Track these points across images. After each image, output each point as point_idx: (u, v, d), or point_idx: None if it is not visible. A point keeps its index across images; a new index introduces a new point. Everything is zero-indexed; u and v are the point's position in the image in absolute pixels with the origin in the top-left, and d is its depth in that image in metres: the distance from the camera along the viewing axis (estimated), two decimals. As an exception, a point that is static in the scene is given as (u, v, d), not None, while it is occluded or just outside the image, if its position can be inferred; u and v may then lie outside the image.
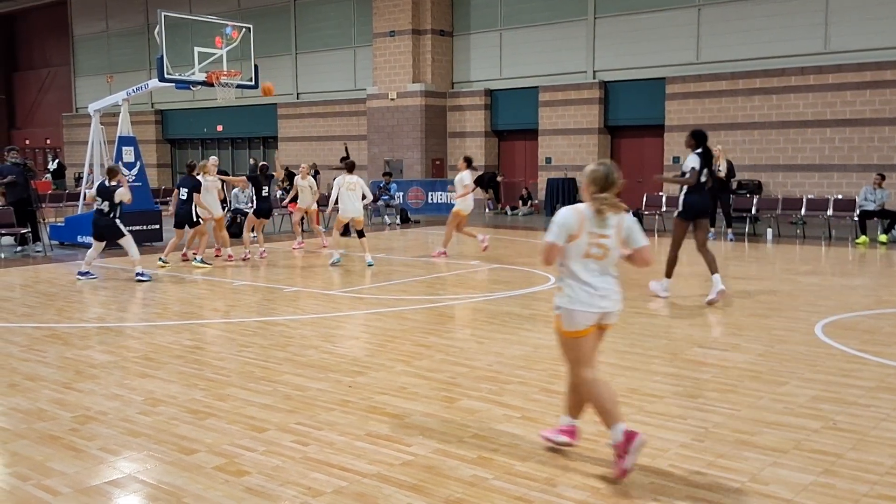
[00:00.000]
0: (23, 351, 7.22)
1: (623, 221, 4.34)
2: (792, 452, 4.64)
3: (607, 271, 4.37)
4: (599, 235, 4.28)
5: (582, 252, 4.29)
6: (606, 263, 4.34)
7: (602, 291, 4.32)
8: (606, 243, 4.29)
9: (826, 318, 8.37)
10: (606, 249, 4.30)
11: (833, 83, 18.71)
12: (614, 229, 4.30)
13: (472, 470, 4.40)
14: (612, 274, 4.40)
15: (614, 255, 4.35)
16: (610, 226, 4.29)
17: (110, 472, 4.42)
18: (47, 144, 40.02)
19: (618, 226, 4.31)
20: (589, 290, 4.29)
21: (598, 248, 4.29)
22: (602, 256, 4.30)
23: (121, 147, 15.44)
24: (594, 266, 4.32)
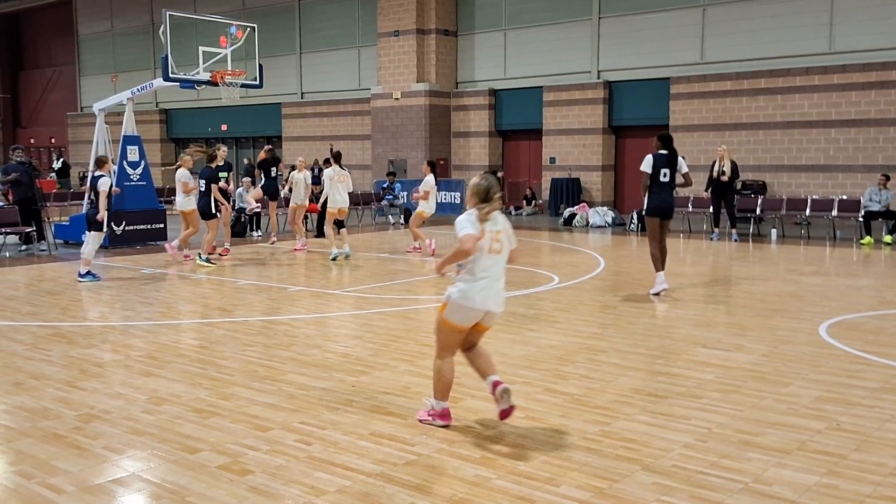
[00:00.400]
0: (27, 349, 7.24)
1: (506, 221, 5.08)
2: (795, 453, 4.63)
3: (502, 269, 5.00)
4: (496, 232, 4.95)
5: (487, 248, 4.89)
6: (502, 258, 4.99)
7: (495, 289, 4.94)
8: (502, 238, 4.98)
9: (830, 318, 8.36)
10: (502, 244, 4.98)
11: (838, 83, 18.67)
12: (504, 226, 5.01)
13: (475, 469, 4.40)
14: (503, 272, 5.01)
15: (507, 249, 5.02)
16: (501, 224, 4.99)
17: (114, 471, 4.43)
18: (52, 143, 40.11)
19: (506, 224, 5.03)
20: (485, 288, 4.89)
21: (497, 243, 4.95)
22: (500, 251, 4.97)
23: (125, 146, 15.47)
24: (495, 261, 4.95)
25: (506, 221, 5.07)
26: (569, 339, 7.57)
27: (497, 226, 4.95)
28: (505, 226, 5.02)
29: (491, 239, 4.91)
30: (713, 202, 16.52)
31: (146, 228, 15.53)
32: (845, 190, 18.40)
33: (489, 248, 4.90)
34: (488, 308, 4.92)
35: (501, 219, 5.02)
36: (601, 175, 22.62)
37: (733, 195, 16.55)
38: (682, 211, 18.59)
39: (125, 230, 15.15)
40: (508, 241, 5.02)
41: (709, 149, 20.53)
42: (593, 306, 9.33)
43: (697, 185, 20.49)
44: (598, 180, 22.63)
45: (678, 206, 18.74)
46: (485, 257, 4.90)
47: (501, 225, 4.99)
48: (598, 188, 22.61)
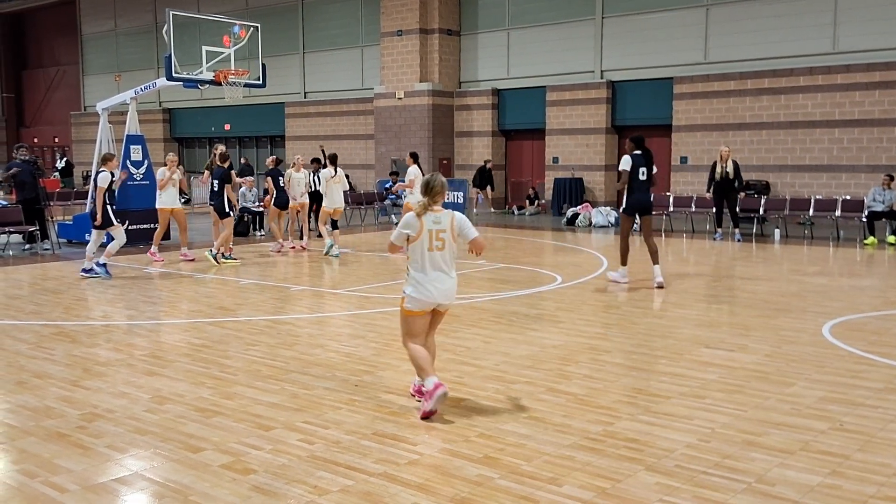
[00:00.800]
0: (31, 349, 7.25)
1: (454, 219, 5.38)
2: (799, 453, 4.63)
3: (446, 265, 5.36)
4: (438, 231, 5.30)
5: (427, 246, 5.29)
6: (445, 255, 5.35)
7: (441, 286, 5.34)
8: (444, 237, 5.32)
9: (834, 319, 8.35)
10: (444, 242, 5.32)
11: (842, 83, 18.64)
12: (448, 225, 5.33)
13: (478, 469, 4.40)
14: (449, 268, 5.39)
15: (451, 247, 5.38)
16: (444, 223, 5.32)
17: (117, 470, 4.43)
18: (55, 143, 40.17)
19: (450, 223, 5.35)
20: (430, 286, 5.31)
21: (438, 241, 5.31)
22: (442, 248, 5.33)
23: (129, 145, 15.49)
24: (437, 258, 5.32)
25: (455, 219, 5.38)
26: (572, 339, 7.57)
27: (440, 225, 5.31)
28: (451, 224, 5.34)
29: (431, 238, 5.29)
30: (715, 202, 16.48)
31: (150, 228, 15.52)
32: (849, 190, 18.37)
33: (429, 246, 5.30)
34: (436, 301, 5.38)
35: (447, 218, 5.35)
36: (604, 175, 22.60)
37: (736, 195, 16.53)
38: (685, 211, 18.58)
39: (128, 229, 15.13)
40: (452, 239, 5.36)
41: (712, 149, 20.50)
42: (596, 306, 9.33)
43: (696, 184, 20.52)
44: (601, 180, 22.61)
45: (681, 206, 18.78)
46: (426, 255, 5.31)
47: (445, 224, 5.32)
48: (601, 188, 22.59)
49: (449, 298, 5.45)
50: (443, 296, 5.38)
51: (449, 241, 5.34)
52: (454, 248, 5.41)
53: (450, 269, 5.39)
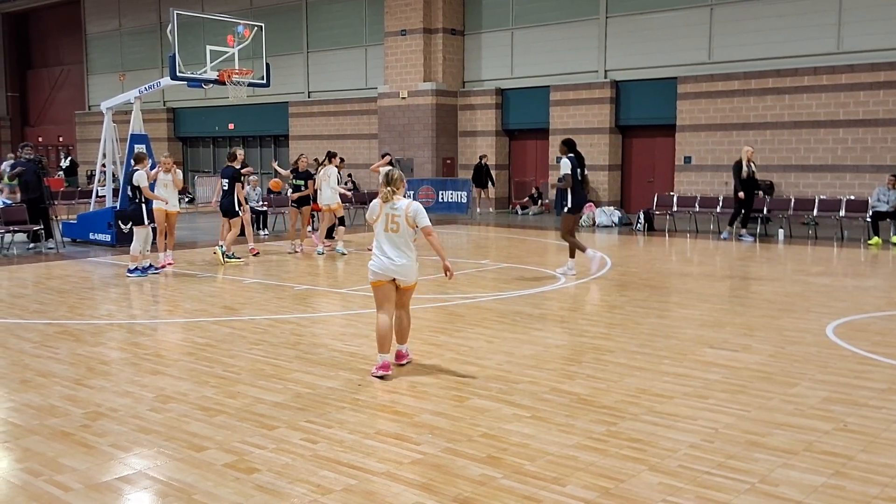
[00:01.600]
0: (35, 347, 7.27)
1: (410, 207, 6.21)
2: (802, 454, 4.62)
3: (403, 246, 6.20)
4: (394, 215, 6.19)
5: (384, 227, 6.21)
6: (400, 237, 6.19)
7: (395, 262, 6.19)
8: (398, 221, 6.18)
9: (838, 319, 8.33)
10: (398, 225, 6.18)
11: (846, 83, 18.59)
12: (403, 211, 6.17)
13: (481, 469, 4.40)
14: (406, 249, 6.22)
15: (405, 230, 6.18)
16: (399, 209, 6.19)
17: (121, 469, 4.44)
18: (60, 142, 40.24)
19: (406, 209, 6.18)
20: (385, 259, 6.22)
21: (394, 224, 6.19)
22: (396, 230, 6.19)
23: (133, 144, 15.46)
24: (393, 238, 6.20)
25: (411, 207, 6.21)
26: (575, 339, 7.56)
27: (396, 210, 6.20)
28: (406, 210, 6.18)
29: (388, 220, 6.20)
30: (746, 203, 16.08)
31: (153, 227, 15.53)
32: (853, 190, 18.33)
33: (386, 227, 6.22)
34: (388, 276, 6.23)
35: (405, 205, 6.21)
36: (608, 175, 22.58)
37: (754, 196, 16.33)
38: (689, 211, 18.56)
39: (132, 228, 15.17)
40: (406, 223, 6.18)
41: (716, 149, 20.51)
42: (600, 306, 9.32)
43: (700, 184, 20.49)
44: (605, 180, 22.60)
45: (685, 206, 18.77)
46: (383, 235, 6.23)
47: (401, 210, 6.19)
48: (605, 188, 22.57)
49: (404, 276, 6.25)
50: (397, 271, 6.21)
51: (403, 224, 6.18)
52: (409, 231, 6.19)
53: (407, 249, 6.23)
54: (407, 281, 6.29)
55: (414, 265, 6.29)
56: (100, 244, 15.17)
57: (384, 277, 6.23)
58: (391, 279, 6.24)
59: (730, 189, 19.80)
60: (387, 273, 6.22)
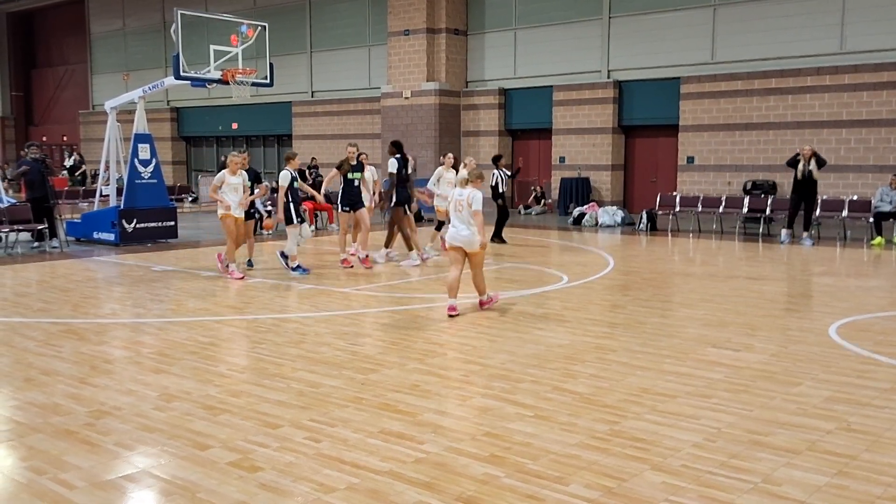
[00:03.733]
0: (39, 346, 7.29)
1: (471, 194, 8.46)
2: (805, 453, 4.62)
3: (466, 222, 8.45)
4: (460, 200, 8.50)
5: (454, 208, 8.55)
6: (464, 215, 8.45)
7: (461, 233, 8.47)
8: (463, 204, 8.45)
9: (840, 319, 8.33)
10: (463, 207, 8.45)
11: (849, 83, 18.57)
12: (466, 197, 8.46)
13: (483, 468, 4.41)
14: (469, 224, 8.43)
15: (466, 211, 8.43)
16: (464, 196, 8.49)
17: (125, 467, 4.46)
18: (64, 141, 40.31)
19: (468, 196, 8.45)
20: (454, 230, 8.54)
21: (460, 206, 8.49)
22: (461, 210, 8.48)
23: (137, 144, 15.54)
24: (459, 216, 8.49)
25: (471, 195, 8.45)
26: (578, 339, 7.57)
27: (462, 196, 8.51)
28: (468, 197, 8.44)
29: (456, 203, 8.53)
30: (793, 202, 15.73)
31: (157, 226, 15.61)
32: (856, 190, 18.31)
33: (455, 208, 8.53)
34: (456, 243, 8.50)
35: (467, 192, 8.50)
36: (611, 174, 22.58)
37: (815, 196, 15.75)
38: (692, 210, 18.55)
39: (136, 228, 15.24)
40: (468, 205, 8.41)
41: (719, 149, 20.50)
42: (602, 305, 9.33)
43: (703, 184, 20.47)
44: (608, 180, 22.60)
45: (687, 206, 18.77)
46: (454, 214, 8.55)
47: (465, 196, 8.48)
48: (608, 188, 22.57)
49: (467, 244, 8.44)
50: (462, 240, 8.46)
51: (465, 206, 8.42)
52: (469, 211, 8.38)
53: (469, 225, 8.39)
54: (471, 247, 8.45)
55: (475, 237, 8.38)
56: (104, 243, 15.20)
57: (454, 243, 8.49)
58: (459, 245, 8.44)
59: (733, 189, 19.85)
60: (454, 241, 8.48)
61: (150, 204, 15.53)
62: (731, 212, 18.08)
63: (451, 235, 8.51)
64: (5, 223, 14.03)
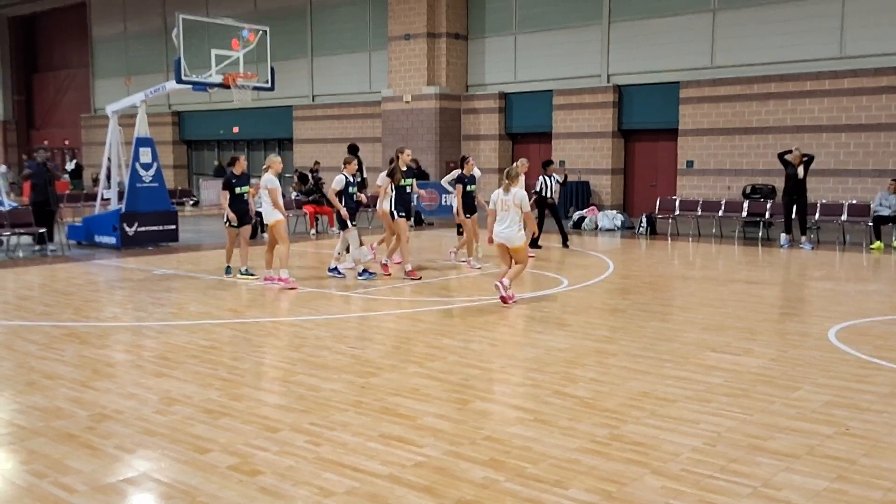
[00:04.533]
0: (41, 349, 7.30)
1: (517, 194, 9.30)
2: (805, 458, 4.63)
3: (508, 220, 9.29)
4: (505, 200, 9.34)
5: (499, 207, 9.37)
6: (507, 214, 9.29)
7: (503, 231, 9.32)
8: (508, 203, 9.31)
9: (840, 323, 8.34)
10: (508, 206, 9.29)
11: (849, 88, 18.59)
12: (512, 197, 9.30)
13: (483, 472, 4.42)
14: (510, 223, 9.27)
15: (512, 210, 9.25)
16: (510, 195, 9.33)
17: (126, 471, 4.47)
18: (66, 145, 40.35)
19: (514, 195, 9.29)
20: (498, 228, 9.37)
21: (505, 206, 9.30)
22: (507, 209, 9.29)
23: (138, 148, 15.56)
24: (503, 215, 9.34)
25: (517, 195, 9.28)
26: (578, 342, 7.58)
27: (507, 197, 9.33)
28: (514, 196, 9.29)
29: (501, 203, 9.36)
30: (786, 205, 15.80)
31: (158, 230, 15.63)
32: (855, 194, 18.33)
33: (499, 207, 9.37)
34: (499, 239, 9.41)
35: (514, 192, 9.31)
36: (611, 178, 22.60)
37: (806, 199, 15.86)
38: (691, 214, 18.56)
39: (137, 231, 15.26)
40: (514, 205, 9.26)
41: (718, 153, 20.52)
42: (602, 309, 9.34)
43: (702, 188, 20.49)
44: (608, 183, 22.62)
45: (687, 209, 18.77)
46: (499, 213, 9.38)
47: (511, 196, 9.31)
48: (608, 191, 22.59)
49: (508, 240, 9.31)
50: (504, 237, 9.34)
51: (511, 206, 9.25)
52: (515, 211, 9.23)
53: (512, 223, 9.23)
54: (511, 244, 9.30)
55: (516, 234, 9.25)
56: (105, 247, 15.22)
57: (498, 240, 9.40)
58: (502, 242, 9.35)
59: (732, 193, 19.86)
60: (498, 237, 9.37)
61: (151, 207, 15.55)
62: (731, 216, 18.10)
63: (496, 232, 9.35)
64: (7, 226, 14.05)
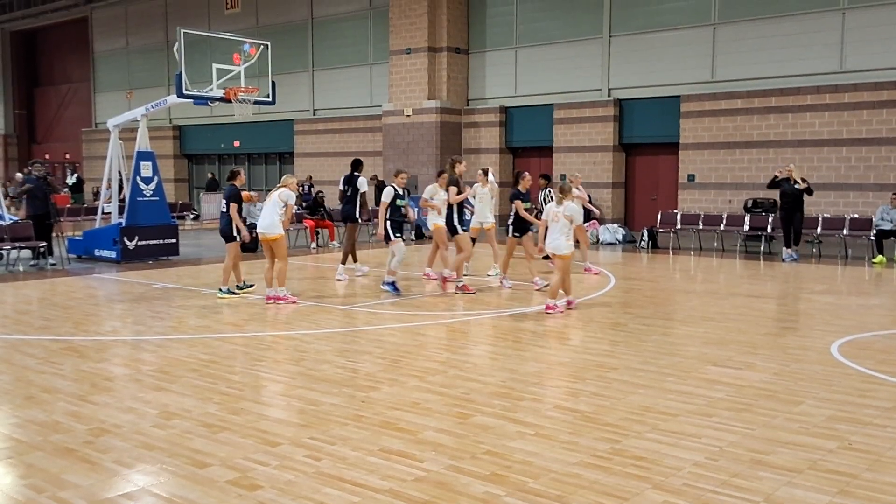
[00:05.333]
0: (39, 363, 7.28)
1: (567, 207, 9.78)
2: (807, 472, 4.61)
3: (558, 231, 9.73)
4: (556, 213, 9.79)
5: (551, 219, 9.83)
6: (556, 225, 9.76)
7: (553, 242, 9.79)
8: (558, 215, 9.76)
9: (842, 337, 8.32)
10: (558, 217, 9.76)
11: (849, 102, 18.63)
12: (563, 209, 9.75)
13: (484, 487, 4.39)
14: (560, 234, 9.71)
15: (562, 221, 9.74)
16: (562, 208, 9.75)
17: (124, 485, 4.44)
18: (66, 159, 40.45)
19: (566, 208, 9.76)
20: (549, 239, 9.82)
21: (555, 216, 9.79)
22: (556, 220, 9.77)
23: (139, 162, 15.58)
24: (553, 226, 9.79)
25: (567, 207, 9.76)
26: (579, 356, 7.56)
27: (558, 210, 9.79)
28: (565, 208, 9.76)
29: (552, 215, 9.84)
30: (784, 220, 15.88)
31: (158, 244, 15.63)
32: (857, 209, 18.33)
33: (551, 219, 9.86)
34: (550, 250, 9.91)
35: (566, 205, 9.78)
36: (611, 192, 22.62)
37: (802, 213, 15.98)
38: (693, 228, 18.56)
39: (138, 245, 15.26)
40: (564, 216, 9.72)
41: (719, 167, 20.54)
42: (604, 323, 9.32)
43: (703, 202, 20.49)
44: (609, 197, 22.63)
45: (689, 223, 18.75)
46: (551, 224, 9.83)
47: (562, 208, 9.78)
48: (609, 205, 22.60)
49: (556, 250, 9.77)
50: (553, 247, 9.81)
51: (562, 217, 9.70)
52: (565, 223, 9.69)
53: (561, 234, 9.69)
54: (558, 251, 9.74)
55: (564, 243, 9.69)
56: (105, 260, 15.22)
57: (550, 252, 9.91)
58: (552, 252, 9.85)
59: (734, 207, 19.86)
60: (549, 248, 9.85)
61: (151, 221, 15.56)
62: (732, 230, 18.10)
63: (547, 243, 9.84)
64: (7, 240, 14.05)
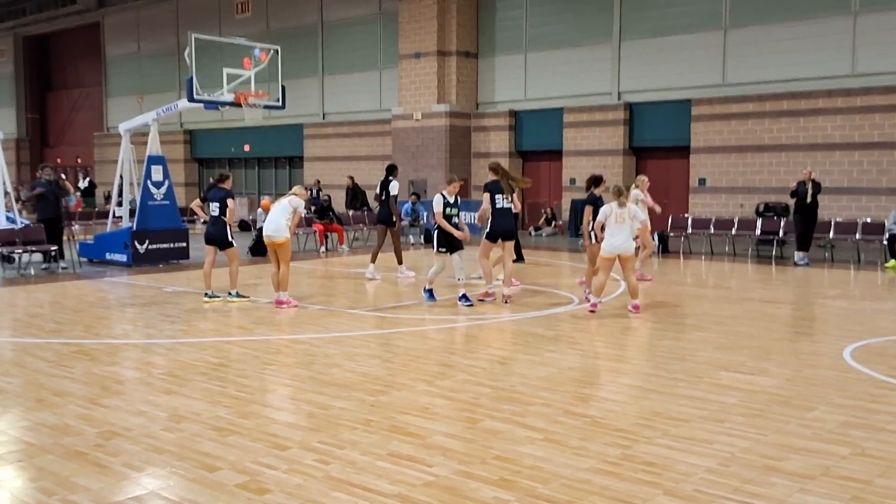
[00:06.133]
0: (50, 367, 7.30)
1: (630, 208, 9.96)
2: (820, 479, 4.56)
3: (626, 231, 9.85)
4: (620, 214, 9.85)
5: (615, 220, 9.85)
6: (625, 227, 9.85)
7: (621, 243, 9.81)
8: (623, 216, 9.86)
9: (855, 342, 8.25)
10: (623, 219, 9.84)
11: (861, 106, 18.53)
12: (627, 211, 9.88)
13: (493, 492, 4.37)
14: (627, 232, 9.84)
15: (628, 222, 9.87)
16: (625, 210, 9.87)
17: (134, 488, 4.45)
18: (78, 163, 40.66)
19: (628, 210, 9.91)
20: (614, 240, 9.82)
21: (621, 219, 9.84)
22: (622, 222, 9.84)
23: (150, 166, 15.64)
24: (620, 227, 9.85)
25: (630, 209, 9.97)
26: (589, 361, 7.52)
27: (623, 211, 9.86)
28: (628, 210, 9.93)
29: (616, 217, 9.86)
30: (798, 225, 15.81)
31: (169, 247, 15.68)
32: (869, 213, 18.22)
33: (615, 220, 9.85)
34: (616, 253, 9.85)
35: (628, 207, 9.93)
36: (622, 196, 22.54)
37: (815, 217, 15.92)
38: (704, 233, 18.48)
39: (148, 249, 15.31)
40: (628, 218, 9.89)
41: (731, 170, 20.46)
42: (614, 328, 9.28)
43: (714, 206, 20.40)
44: (619, 202, 22.55)
45: (700, 228, 18.68)
46: (614, 226, 9.84)
47: (626, 210, 9.89)
48: (619, 210, 22.52)
49: (626, 251, 9.82)
50: (621, 248, 9.79)
51: (626, 219, 9.85)
52: (630, 223, 9.87)
53: (628, 235, 9.85)
54: (627, 252, 9.84)
55: (632, 244, 9.93)
56: (116, 264, 15.27)
57: (612, 254, 9.78)
58: (616, 255, 9.77)
59: (745, 212, 19.78)
60: (615, 251, 9.76)
61: (162, 225, 15.61)
62: (744, 234, 18.00)
63: (612, 245, 9.76)
64: (19, 244, 14.12)
